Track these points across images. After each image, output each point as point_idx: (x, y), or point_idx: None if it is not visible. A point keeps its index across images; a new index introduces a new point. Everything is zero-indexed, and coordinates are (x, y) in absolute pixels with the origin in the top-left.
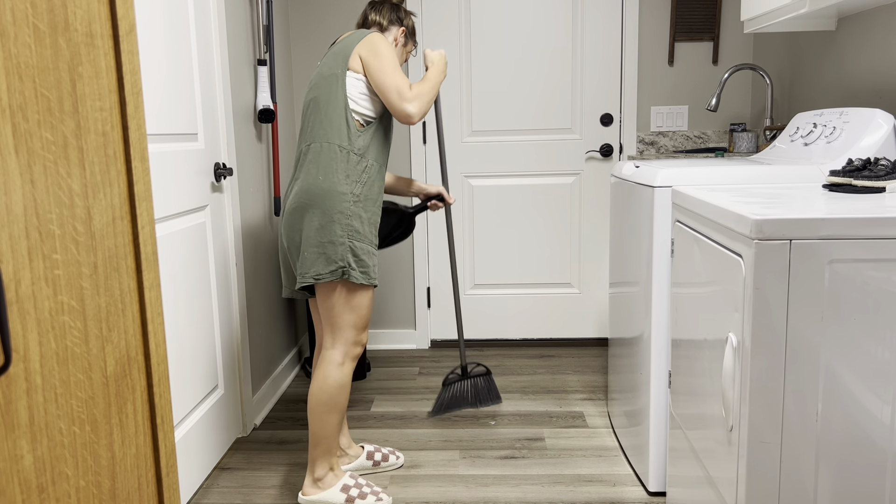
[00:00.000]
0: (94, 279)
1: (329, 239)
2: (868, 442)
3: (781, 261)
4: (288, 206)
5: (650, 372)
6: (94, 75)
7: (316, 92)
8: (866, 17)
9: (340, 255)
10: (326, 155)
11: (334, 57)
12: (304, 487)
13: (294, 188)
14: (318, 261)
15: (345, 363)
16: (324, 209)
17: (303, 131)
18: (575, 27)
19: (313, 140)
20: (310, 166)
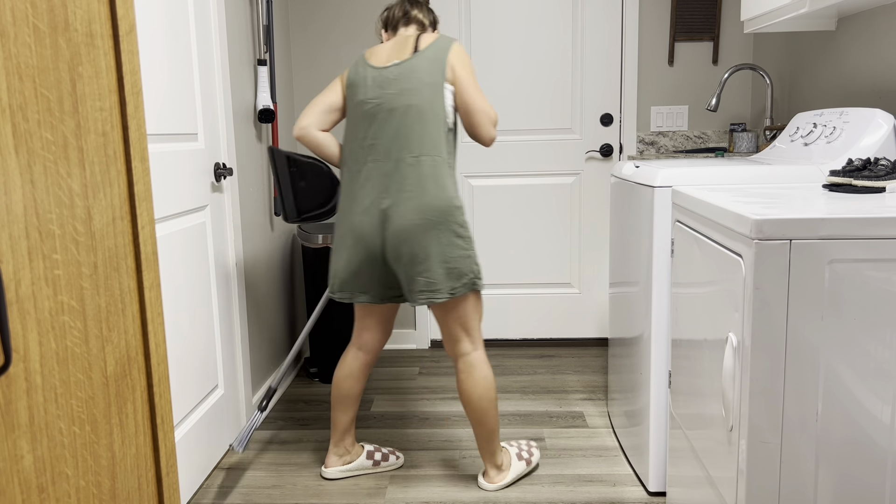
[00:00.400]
0: (94, 279)
1: (459, 254)
2: (868, 442)
3: (781, 261)
4: (407, 222)
5: (650, 372)
6: (94, 75)
7: (415, 99)
8: (866, 17)
9: (469, 267)
10: (441, 170)
11: (431, 64)
12: (492, 477)
13: (407, 203)
14: (451, 276)
15: (486, 359)
16: (449, 225)
17: (395, 137)
18: (575, 27)
19: (423, 153)
20: (427, 182)
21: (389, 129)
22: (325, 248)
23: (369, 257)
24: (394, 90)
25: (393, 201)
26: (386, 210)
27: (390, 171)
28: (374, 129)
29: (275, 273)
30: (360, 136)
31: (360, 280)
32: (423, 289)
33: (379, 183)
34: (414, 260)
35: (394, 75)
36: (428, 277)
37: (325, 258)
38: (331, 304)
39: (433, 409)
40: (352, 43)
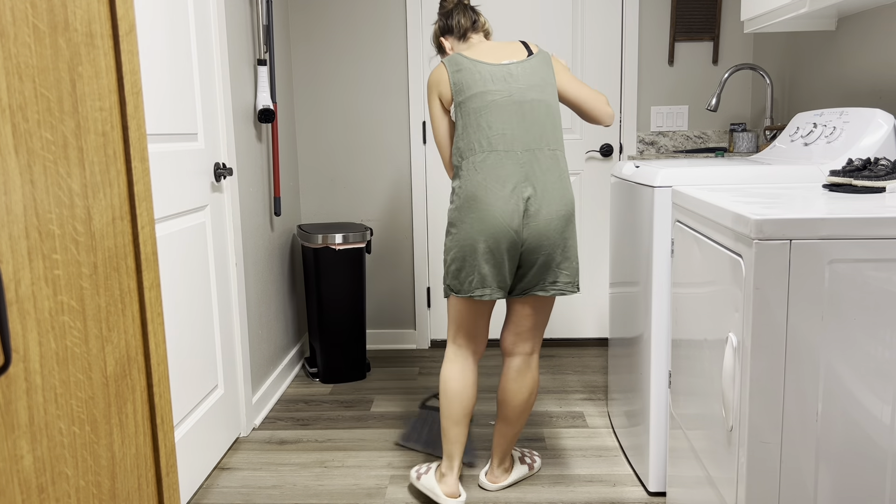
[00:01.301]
0: (94, 279)
1: (576, 252)
2: (868, 442)
3: (781, 261)
4: (554, 214)
5: (650, 372)
6: (94, 75)
7: (542, 95)
8: (866, 17)
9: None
10: (566, 165)
11: (545, 66)
12: (497, 476)
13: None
14: (572, 271)
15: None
16: (574, 222)
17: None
18: (575, 27)
19: (557, 147)
20: (565, 176)
21: (522, 121)
22: (324, 248)
23: (511, 246)
24: (521, 84)
25: (536, 191)
26: (529, 199)
27: (528, 160)
28: (502, 119)
29: (275, 273)
30: (485, 125)
31: (497, 273)
32: (560, 280)
33: (516, 171)
34: (555, 251)
35: (517, 72)
36: (568, 269)
37: (324, 258)
38: (328, 306)
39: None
40: (352, 43)
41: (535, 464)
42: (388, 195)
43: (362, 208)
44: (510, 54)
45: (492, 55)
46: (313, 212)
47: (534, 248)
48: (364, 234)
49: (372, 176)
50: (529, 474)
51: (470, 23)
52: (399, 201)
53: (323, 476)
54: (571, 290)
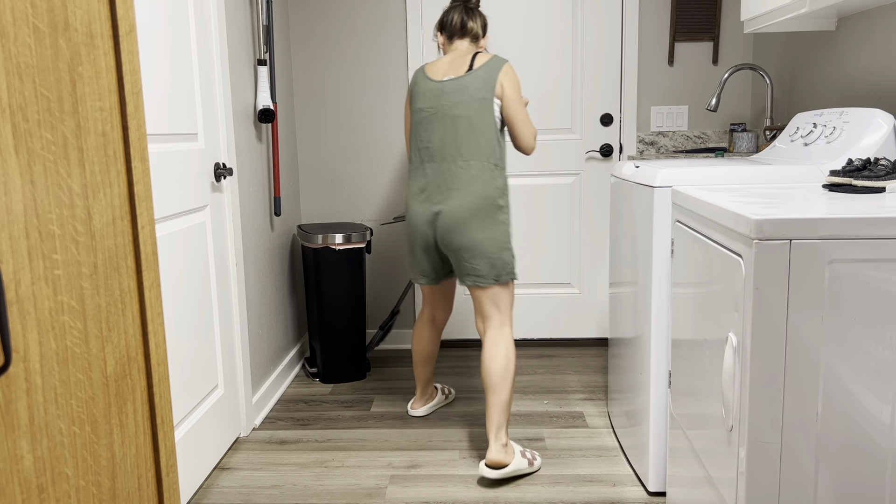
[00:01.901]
0: (94, 279)
1: (501, 246)
2: (868, 442)
3: (781, 261)
4: (457, 216)
5: (650, 372)
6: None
7: (467, 111)
8: (866, 17)
9: (507, 259)
10: (487, 172)
11: (483, 81)
12: (495, 455)
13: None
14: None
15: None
16: (493, 218)
17: (447, 142)
18: (575, 27)
19: (472, 158)
20: (474, 182)
21: (443, 135)
22: (324, 248)
23: (424, 246)
24: (448, 101)
25: (444, 200)
26: (438, 207)
27: (440, 172)
28: (428, 133)
29: (275, 273)
30: (418, 138)
31: (420, 265)
32: (473, 273)
33: (428, 182)
34: (461, 250)
35: (449, 88)
36: (481, 264)
37: (324, 258)
38: (328, 306)
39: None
40: (352, 43)
41: (536, 462)
42: (388, 195)
43: (362, 208)
44: (454, 70)
45: (440, 71)
46: (313, 212)
47: (446, 247)
48: (364, 234)
49: (372, 176)
50: (529, 470)
51: (459, 25)
52: (399, 201)
53: (323, 476)
54: (484, 283)
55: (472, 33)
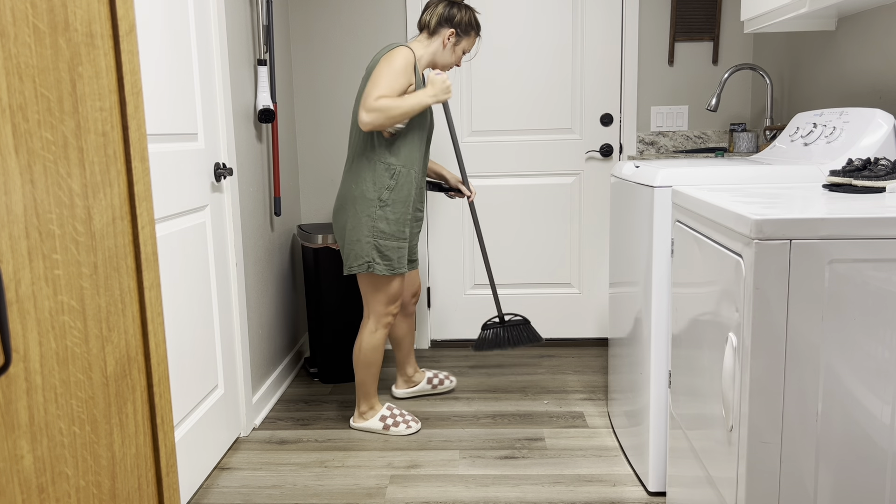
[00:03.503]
0: (94, 279)
1: (356, 238)
2: (868, 442)
3: (781, 261)
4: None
5: (650, 372)
6: (94, 75)
7: (355, 106)
8: (866, 17)
9: (365, 251)
10: (358, 165)
11: (366, 74)
12: (353, 418)
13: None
14: (349, 256)
15: (377, 330)
16: (355, 212)
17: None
18: (575, 27)
19: (355, 152)
20: (345, 176)
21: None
22: (324, 248)
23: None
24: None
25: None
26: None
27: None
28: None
29: (275, 273)
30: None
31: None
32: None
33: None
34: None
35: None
36: (344, 253)
37: (325, 258)
38: (328, 306)
39: (433, 409)
40: (352, 43)
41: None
42: None
43: None
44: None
45: None
46: (313, 212)
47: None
48: None
49: None
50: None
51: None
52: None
53: (323, 476)
54: (345, 271)
55: (426, 24)
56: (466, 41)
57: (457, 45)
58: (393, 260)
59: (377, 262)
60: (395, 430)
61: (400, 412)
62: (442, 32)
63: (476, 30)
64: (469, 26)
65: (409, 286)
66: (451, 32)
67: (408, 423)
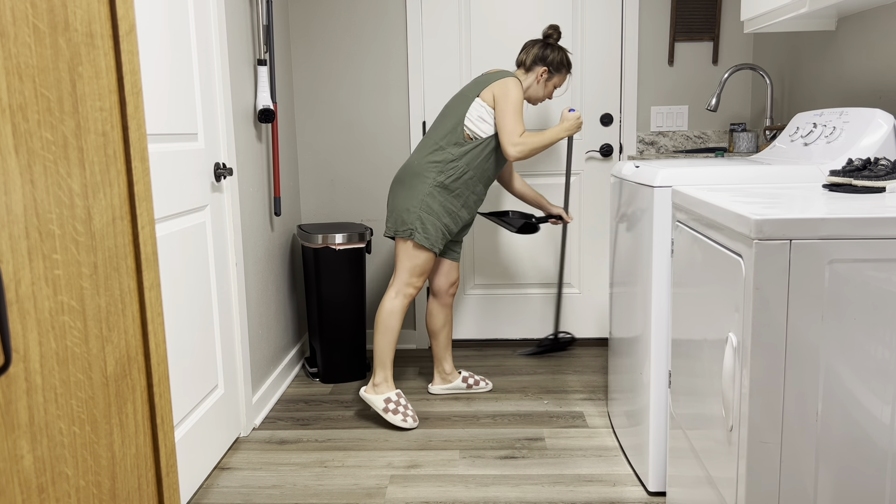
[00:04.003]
0: (94, 279)
1: (407, 207)
2: (868, 442)
3: (781, 261)
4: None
5: (650, 372)
6: (94, 75)
7: (450, 103)
8: (866, 17)
9: (412, 220)
10: (434, 151)
11: (475, 84)
12: (366, 388)
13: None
14: (398, 221)
15: (396, 297)
16: (412, 185)
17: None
18: (575, 27)
19: (431, 140)
20: (418, 154)
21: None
22: (324, 247)
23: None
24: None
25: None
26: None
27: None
28: None
29: (275, 273)
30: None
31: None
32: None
33: None
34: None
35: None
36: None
37: (324, 258)
38: (328, 306)
39: (433, 409)
40: (352, 43)
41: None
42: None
43: (362, 208)
44: None
45: None
46: (313, 212)
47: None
48: (364, 234)
49: (372, 176)
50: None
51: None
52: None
53: (323, 476)
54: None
55: (522, 62)
56: (558, 77)
57: (548, 82)
58: (431, 235)
59: (418, 231)
60: (392, 417)
61: (406, 404)
62: (536, 70)
63: (567, 68)
64: (560, 65)
65: (446, 275)
66: (543, 70)
67: (405, 417)
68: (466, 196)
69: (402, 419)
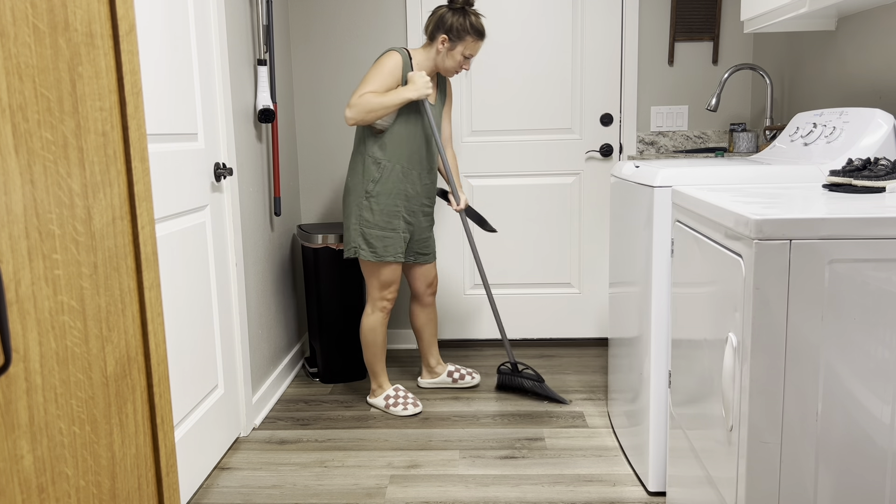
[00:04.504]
0: (94, 279)
1: (347, 225)
2: (868, 442)
3: (781, 261)
4: None
5: (650, 372)
6: (94, 75)
7: None
8: (866, 17)
9: (353, 237)
10: (353, 159)
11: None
12: (369, 396)
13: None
14: (345, 241)
15: (373, 313)
16: (346, 202)
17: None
18: (575, 27)
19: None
20: (348, 168)
21: None
22: (324, 247)
23: None
24: None
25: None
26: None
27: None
28: None
29: (275, 273)
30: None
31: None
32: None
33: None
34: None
35: None
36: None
37: (324, 258)
38: (328, 306)
39: (433, 409)
40: (352, 43)
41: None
42: None
43: None
44: None
45: None
46: (313, 212)
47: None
48: None
49: None
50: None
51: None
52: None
53: (323, 476)
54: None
55: (427, 33)
56: (463, 45)
57: (452, 50)
58: (378, 248)
59: (362, 248)
60: (394, 409)
61: (404, 394)
62: (437, 38)
63: (472, 34)
64: (462, 31)
65: (423, 278)
66: (443, 38)
67: (405, 405)
68: (405, 189)
69: (404, 408)
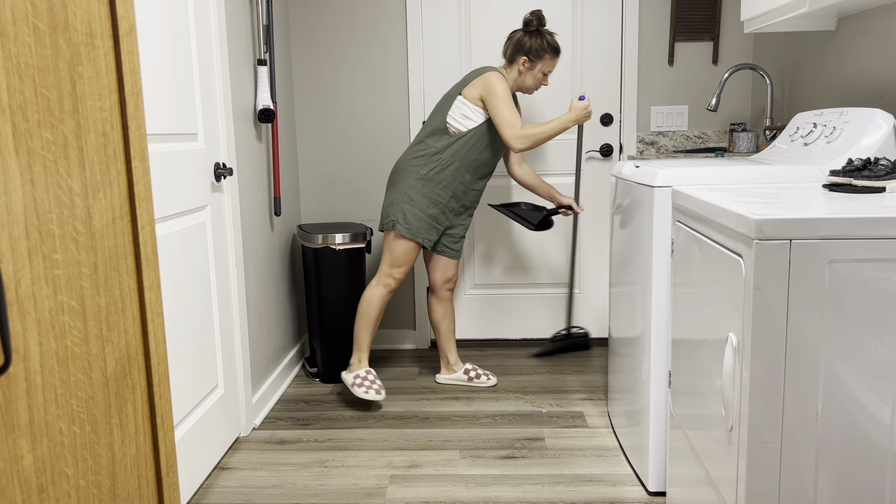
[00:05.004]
0: (94, 279)
1: (391, 201)
2: (868, 442)
3: (781, 261)
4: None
5: (650, 372)
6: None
7: (437, 104)
8: (866, 17)
9: (393, 212)
10: (420, 145)
11: (458, 83)
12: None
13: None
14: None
15: (376, 286)
16: (395, 180)
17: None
18: (575, 27)
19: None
20: (407, 151)
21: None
22: (324, 247)
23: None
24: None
25: None
26: None
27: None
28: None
29: (275, 273)
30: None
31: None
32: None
33: None
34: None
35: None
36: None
37: (324, 258)
38: (328, 306)
39: (433, 409)
40: (352, 43)
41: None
42: None
43: (362, 208)
44: None
45: None
46: (313, 212)
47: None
48: (364, 234)
49: (372, 176)
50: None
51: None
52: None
53: (323, 476)
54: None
55: (505, 55)
56: (542, 63)
57: (532, 69)
58: (413, 226)
59: (399, 221)
60: (357, 390)
61: (373, 378)
62: (517, 60)
63: (550, 52)
64: (541, 51)
65: (442, 271)
66: (524, 59)
67: (368, 390)
68: (455, 186)
69: (366, 391)
